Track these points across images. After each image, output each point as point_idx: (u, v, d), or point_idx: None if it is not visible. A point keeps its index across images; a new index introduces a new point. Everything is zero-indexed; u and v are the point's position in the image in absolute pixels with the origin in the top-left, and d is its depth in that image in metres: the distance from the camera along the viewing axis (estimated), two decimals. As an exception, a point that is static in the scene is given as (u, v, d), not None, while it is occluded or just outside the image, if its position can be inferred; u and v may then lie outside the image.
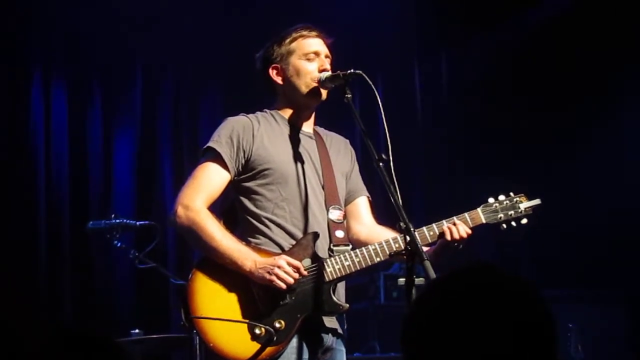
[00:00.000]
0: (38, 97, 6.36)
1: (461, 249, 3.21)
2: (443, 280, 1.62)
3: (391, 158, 2.94)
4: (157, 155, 6.77)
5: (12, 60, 6.28)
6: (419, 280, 2.70)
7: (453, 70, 7.73)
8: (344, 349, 3.32)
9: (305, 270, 3.12)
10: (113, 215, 4.95)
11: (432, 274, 2.64)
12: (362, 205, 3.52)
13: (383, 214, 3.50)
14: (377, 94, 3.11)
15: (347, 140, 3.61)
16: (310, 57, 3.37)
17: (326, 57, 3.41)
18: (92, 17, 6.37)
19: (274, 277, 3.05)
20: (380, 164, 2.92)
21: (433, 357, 1.53)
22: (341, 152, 3.51)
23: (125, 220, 4.94)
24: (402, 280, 2.75)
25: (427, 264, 2.67)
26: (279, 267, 3.06)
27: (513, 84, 7.33)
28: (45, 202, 6.22)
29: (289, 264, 3.08)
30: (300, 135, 3.39)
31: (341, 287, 3.27)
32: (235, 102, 5.70)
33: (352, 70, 3.20)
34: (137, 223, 5.01)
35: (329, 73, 3.30)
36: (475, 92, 7.50)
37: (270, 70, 3.42)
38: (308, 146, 3.39)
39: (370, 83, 3.11)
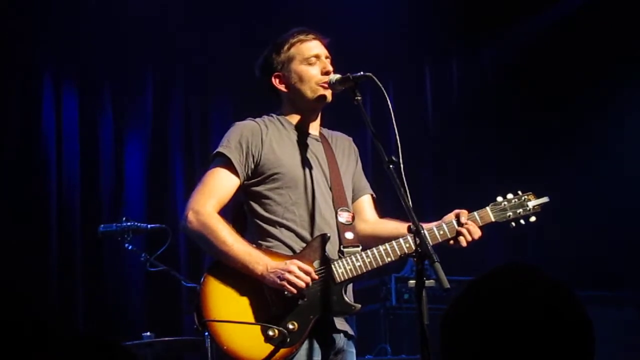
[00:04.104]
0: (49, 101, 6.38)
1: (466, 246, 3.25)
2: (482, 279, 1.63)
3: (401, 160, 2.94)
4: (168, 158, 6.79)
5: (22, 65, 6.31)
6: (430, 282, 2.70)
7: (464, 72, 7.74)
8: (354, 351, 3.33)
9: (316, 272, 3.13)
10: (124, 219, 4.96)
11: (443, 276, 2.64)
12: (365, 202, 3.54)
13: (393, 215, 3.50)
14: (386, 96, 3.11)
15: (351, 138, 3.61)
16: (311, 61, 3.36)
17: (326, 57, 3.40)
18: (102, 22, 6.40)
19: (285, 282, 3.05)
20: (391, 166, 2.92)
21: (471, 355, 1.54)
22: (346, 152, 3.52)
23: (136, 224, 4.95)
24: (412, 282, 2.75)
25: (438, 265, 2.67)
26: (289, 272, 3.06)
27: (524, 87, 7.34)
28: (57, 205, 6.25)
29: (300, 269, 3.08)
30: (308, 139, 3.40)
31: (350, 288, 3.27)
32: (246, 106, 5.71)
33: (362, 73, 3.19)
34: (149, 226, 5.02)
35: (339, 75, 3.29)
36: (486, 95, 7.51)
37: (273, 79, 3.41)
38: (315, 149, 3.39)
39: (380, 85, 3.10)
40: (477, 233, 3.23)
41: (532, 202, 3.34)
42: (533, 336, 1.51)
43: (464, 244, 3.23)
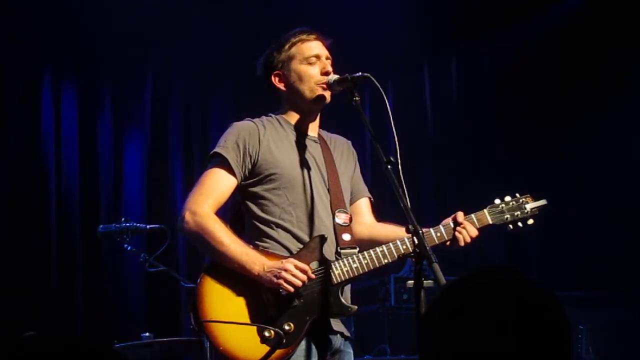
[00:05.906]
0: (48, 102, 6.39)
1: (464, 246, 3.25)
2: (458, 281, 1.63)
3: (399, 160, 2.94)
4: (167, 159, 6.80)
5: (22, 65, 6.31)
6: (428, 283, 2.70)
7: (463, 72, 7.74)
8: (351, 351, 3.33)
9: (313, 273, 3.13)
10: (123, 219, 4.96)
11: (441, 276, 2.64)
12: (363, 205, 3.55)
13: (393, 217, 3.50)
14: (385, 97, 3.10)
15: (349, 142, 3.61)
16: (311, 61, 3.36)
17: (327, 58, 3.39)
18: (102, 22, 6.40)
19: (281, 281, 3.05)
20: (389, 166, 2.92)
21: (451, 356, 1.53)
22: (344, 154, 3.52)
23: (135, 224, 4.95)
24: (411, 283, 2.75)
25: (436, 266, 2.67)
26: (286, 270, 3.06)
27: (523, 87, 7.34)
28: (56, 206, 6.26)
29: (297, 267, 3.08)
30: (306, 140, 3.39)
31: (347, 289, 3.28)
32: (246, 107, 5.72)
33: (360, 73, 3.18)
34: (148, 227, 5.02)
35: (337, 76, 3.29)
36: (485, 95, 7.51)
37: (273, 78, 3.41)
38: (313, 151, 3.39)
39: (379, 86, 3.09)
40: (474, 232, 3.24)
41: (530, 205, 3.33)
42: (513, 336, 1.51)
43: (461, 243, 3.23)
